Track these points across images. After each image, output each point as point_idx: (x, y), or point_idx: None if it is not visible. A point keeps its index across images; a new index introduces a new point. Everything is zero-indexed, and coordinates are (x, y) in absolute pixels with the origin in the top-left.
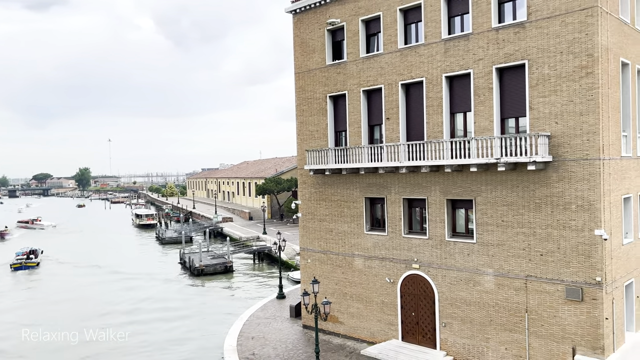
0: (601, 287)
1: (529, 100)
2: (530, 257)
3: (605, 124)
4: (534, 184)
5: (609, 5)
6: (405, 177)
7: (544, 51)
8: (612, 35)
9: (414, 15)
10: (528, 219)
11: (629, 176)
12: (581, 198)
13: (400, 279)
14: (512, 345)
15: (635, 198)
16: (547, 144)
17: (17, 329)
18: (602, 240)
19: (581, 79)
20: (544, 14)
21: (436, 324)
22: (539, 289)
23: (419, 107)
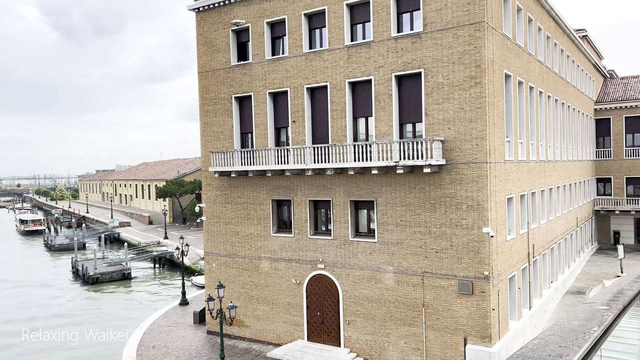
0: (488, 281)
1: (425, 107)
2: (427, 255)
3: (491, 130)
4: (429, 185)
5: (494, 21)
6: (311, 179)
7: (438, 61)
8: (497, 48)
9: (319, 20)
10: (424, 218)
11: (511, 178)
12: (471, 198)
13: (306, 280)
14: (411, 339)
15: (517, 198)
16: (441, 148)
17: None
18: (489, 237)
19: (471, 88)
20: (438, 26)
21: (340, 322)
22: (434, 284)
23: (324, 111)
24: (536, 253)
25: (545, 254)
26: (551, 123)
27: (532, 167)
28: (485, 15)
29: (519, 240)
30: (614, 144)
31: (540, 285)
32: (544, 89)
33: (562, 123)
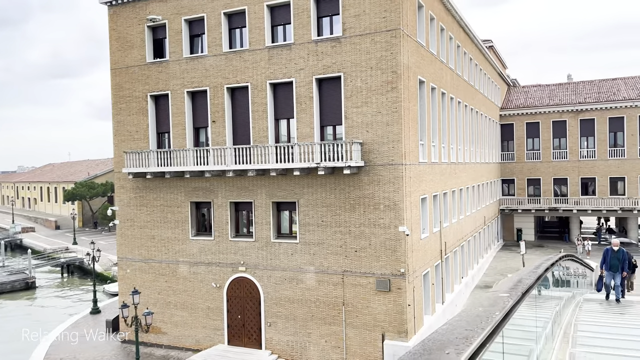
0: (404, 278)
1: (345, 110)
2: (347, 254)
3: (406, 134)
4: (349, 186)
5: (409, 29)
6: (232, 181)
7: (357, 65)
8: (412, 55)
9: (239, 20)
10: (344, 218)
11: (425, 179)
12: (388, 199)
13: (227, 283)
14: (331, 338)
15: (430, 198)
16: (360, 151)
17: None
18: (404, 235)
19: (387, 93)
20: (356, 32)
21: (262, 325)
22: (354, 282)
23: (245, 111)
24: (448, 250)
25: (456, 251)
26: (461, 127)
27: (444, 168)
28: (401, 23)
29: (433, 238)
30: (517, 147)
31: (452, 280)
32: (455, 95)
33: (471, 127)
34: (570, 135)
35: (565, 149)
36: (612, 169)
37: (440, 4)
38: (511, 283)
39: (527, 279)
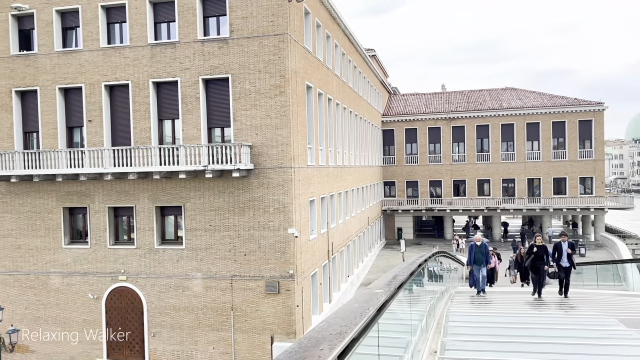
0: (293, 279)
1: (233, 112)
2: (236, 258)
3: (295, 137)
4: (238, 189)
5: (296, 34)
6: (110, 185)
7: (245, 68)
8: (299, 60)
9: (119, 14)
10: (233, 222)
11: (313, 182)
12: (277, 202)
13: (106, 294)
14: (220, 344)
15: (318, 200)
16: (249, 153)
17: None
18: (293, 237)
19: (276, 97)
20: (244, 34)
21: (145, 335)
22: (243, 287)
23: (125, 111)
24: (335, 250)
25: (342, 250)
26: (346, 132)
27: (331, 171)
28: (289, 28)
29: (320, 239)
30: (397, 152)
31: (338, 279)
32: (341, 101)
33: (355, 132)
34: (444, 140)
35: (440, 154)
36: (479, 172)
37: (326, 12)
38: (387, 279)
39: (401, 275)
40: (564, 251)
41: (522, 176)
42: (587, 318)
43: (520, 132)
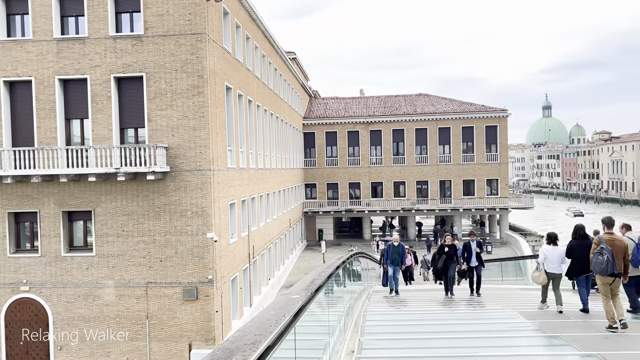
0: (212, 284)
1: (148, 112)
2: (151, 265)
3: (214, 139)
4: (153, 193)
5: (214, 34)
6: (10, 188)
7: (160, 66)
8: (218, 61)
9: (20, 5)
10: (148, 227)
11: (233, 185)
12: (196, 205)
13: (5, 307)
14: (134, 354)
15: (239, 203)
16: (165, 155)
17: None
18: (213, 242)
19: (194, 97)
20: (159, 32)
21: (50, 349)
22: (159, 294)
23: (28, 109)
24: (256, 254)
25: (263, 254)
26: (267, 134)
27: (252, 174)
28: (207, 27)
29: (241, 242)
30: (318, 154)
31: (259, 283)
32: (261, 103)
33: (277, 135)
34: (362, 144)
35: (359, 157)
36: (395, 175)
37: (245, 13)
38: (304, 284)
39: (319, 278)
40: (473, 250)
41: (434, 178)
42: (493, 312)
43: (433, 137)
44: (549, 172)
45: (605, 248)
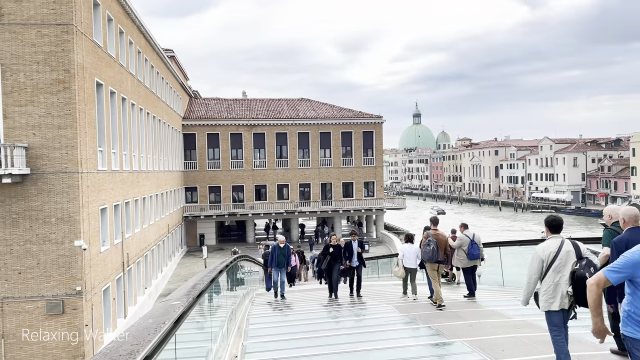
0: (81, 296)
1: (4, 109)
2: (7, 277)
3: (82, 139)
4: (10, 198)
5: (83, 26)
6: None
7: (19, 58)
8: (88, 55)
9: None
10: (4, 235)
11: (105, 188)
12: (61, 211)
13: None
14: None
15: (111, 208)
16: (24, 156)
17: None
18: (81, 250)
19: (59, 93)
20: (18, 19)
21: None
22: (17, 309)
23: None
24: (131, 262)
25: (139, 261)
26: (144, 135)
27: (126, 177)
28: (74, 19)
29: (114, 250)
30: (199, 156)
31: (135, 292)
32: (137, 102)
33: (154, 135)
34: (245, 146)
35: (242, 159)
36: (279, 177)
37: (118, 5)
38: (185, 289)
39: (201, 283)
40: (355, 250)
41: (316, 181)
42: (372, 308)
43: (314, 141)
44: (419, 175)
45: (432, 241)
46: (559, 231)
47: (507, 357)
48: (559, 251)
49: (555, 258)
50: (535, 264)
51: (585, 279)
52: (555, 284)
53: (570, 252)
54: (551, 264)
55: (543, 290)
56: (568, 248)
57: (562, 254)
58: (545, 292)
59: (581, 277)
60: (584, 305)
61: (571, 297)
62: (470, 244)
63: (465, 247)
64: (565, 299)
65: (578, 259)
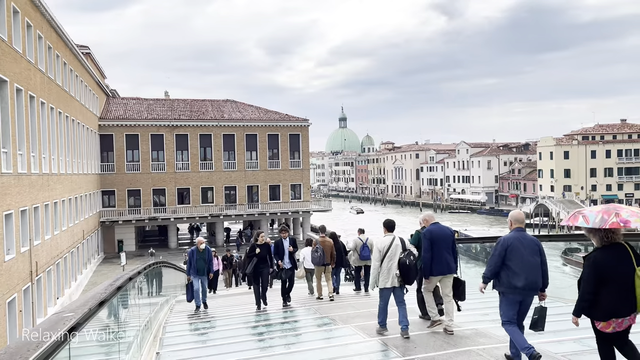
0: None
1: None
2: None
3: None
4: None
5: None
6: None
7: None
8: None
9: None
10: None
11: (10, 193)
12: None
13: None
14: None
15: (17, 214)
16: None
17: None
18: None
19: None
20: None
21: None
22: None
23: None
24: (40, 270)
25: (50, 270)
26: (55, 135)
27: (35, 180)
28: None
29: (20, 259)
30: (117, 158)
31: (45, 303)
32: (47, 100)
33: (67, 136)
34: (167, 148)
35: (163, 162)
36: (203, 180)
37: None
38: (84, 299)
39: (104, 292)
40: (286, 249)
41: (242, 184)
42: (295, 311)
43: (240, 143)
44: (345, 177)
45: (319, 248)
46: (393, 230)
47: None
48: (391, 245)
49: (389, 250)
50: (376, 255)
51: (406, 264)
52: (388, 268)
53: (398, 246)
54: (386, 254)
55: (381, 273)
56: (397, 242)
57: (393, 247)
58: (382, 274)
59: (403, 263)
60: (408, 284)
61: (399, 278)
62: (362, 246)
63: (358, 249)
64: (395, 279)
65: (403, 250)
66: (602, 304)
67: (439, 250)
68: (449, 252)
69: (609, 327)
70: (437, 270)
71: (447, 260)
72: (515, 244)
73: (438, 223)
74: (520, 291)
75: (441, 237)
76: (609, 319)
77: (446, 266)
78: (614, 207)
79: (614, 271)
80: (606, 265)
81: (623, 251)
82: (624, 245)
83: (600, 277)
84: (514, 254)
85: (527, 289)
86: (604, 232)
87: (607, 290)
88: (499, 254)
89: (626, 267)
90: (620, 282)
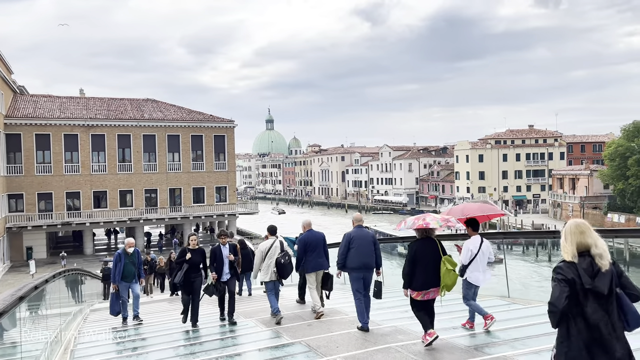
0: None
1: None
2: None
3: None
4: None
5: None
6: None
7: None
8: None
9: None
10: None
11: None
12: None
13: None
14: None
15: None
16: None
17: None
18: None
19: None
20: None
21: None
22: None
23: None
24: None
25: None
26: None
27: None
28: None
29: None
30: (25, 160)
31: None
32: None
33: None
34: (82, 149)
35: (78, 163)
36: (121, 183)
37: None
38: None
39: (3, 303)
40: (225, 258)
41: (164, 186)
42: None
43: (161, 144)
44: (272, 179)
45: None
46: (275, 234)
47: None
48: (271, 247)
49: (269, 251)
50: (259, 255)
51: (281, 263)
52: (268, 266)
53: (277, 247)
54: (266, 254)
55: (262, 270)
56: (276, 245)
57: (272, 249)
58: (263, 270)
59: (279, 262)
60: (284, 278)
61: (276, 273)
62: None
63: None
64: (273, 275)
65: (281, 251)
66: (417, 279)
67: (312, 252)
68: (320, 254)
69: (419, 296)
70: (311, 267)
71: (319, 259)
72: (355, 236)
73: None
74: (361, 270)
75: (314, 242)
76: (420, 290)
77: (319, 265)
78: (424, 215)
79: (426, 257)
80: (422, 252)
81: (434, 244)
82: (435, 240)
83: (416, 260)
84: (354, 244)
85: (363, 268)
86: (421, 231)
87: (420, 270)
88: (345, 245)
89: (435, 255)
90: (430, 265)
